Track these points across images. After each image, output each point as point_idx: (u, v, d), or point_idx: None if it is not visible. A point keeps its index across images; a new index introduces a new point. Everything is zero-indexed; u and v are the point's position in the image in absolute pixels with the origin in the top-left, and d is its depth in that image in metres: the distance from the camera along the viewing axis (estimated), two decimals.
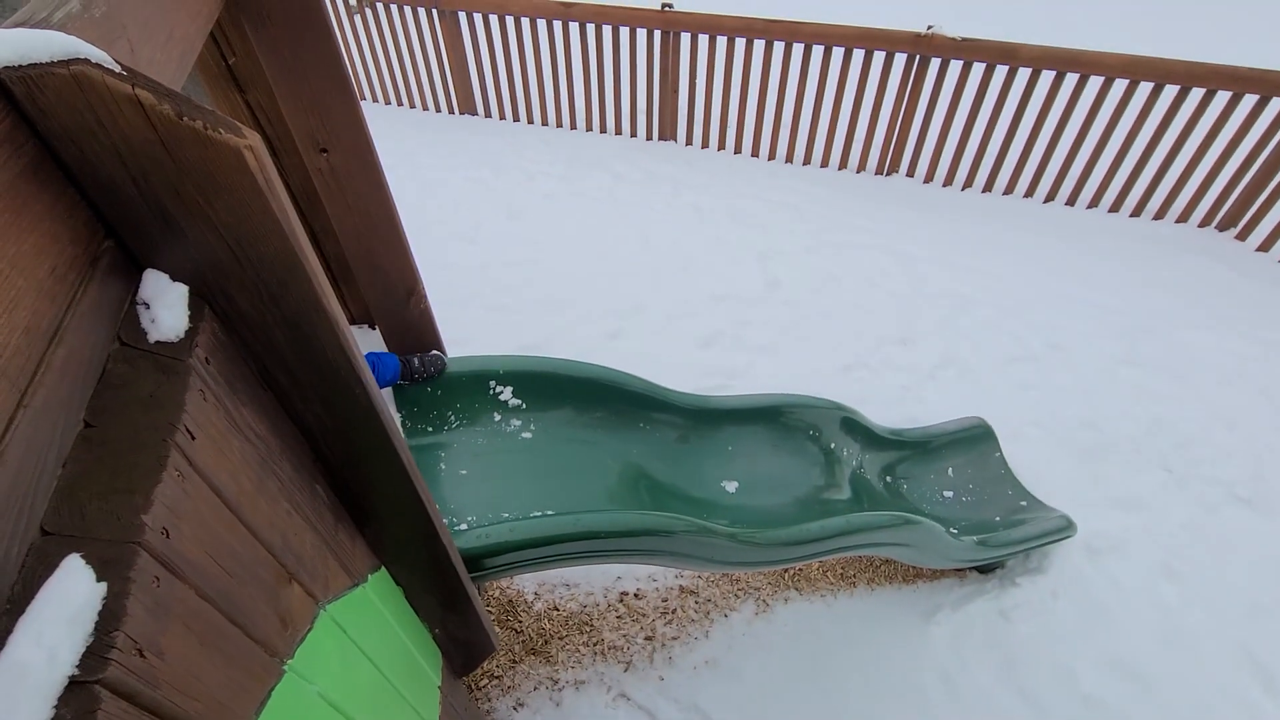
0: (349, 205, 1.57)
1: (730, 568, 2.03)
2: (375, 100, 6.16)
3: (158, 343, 0.68)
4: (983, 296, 3.78)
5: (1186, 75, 3.95)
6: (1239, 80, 3.87)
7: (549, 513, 1.80)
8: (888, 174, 5.04)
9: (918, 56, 4.45)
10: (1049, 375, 3.28)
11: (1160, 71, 4.00)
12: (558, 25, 5.08)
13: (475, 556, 1.50)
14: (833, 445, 2.47)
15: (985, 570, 2.52)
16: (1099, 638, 2.28)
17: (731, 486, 2.26)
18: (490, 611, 2.32)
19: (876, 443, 2.59)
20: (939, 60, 4.42)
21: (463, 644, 1.54)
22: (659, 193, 4.73)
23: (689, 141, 5.42)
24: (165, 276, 0.72)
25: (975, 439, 2.76)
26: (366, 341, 2.43)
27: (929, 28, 4.31)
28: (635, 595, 2.42)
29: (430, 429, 1.96)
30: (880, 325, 3.55)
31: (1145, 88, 4.13)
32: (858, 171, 5.08)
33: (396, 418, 1.93)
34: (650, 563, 1.93)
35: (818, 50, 4.63)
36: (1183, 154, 4.29)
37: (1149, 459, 2.88)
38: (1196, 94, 4.03)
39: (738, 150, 5.32)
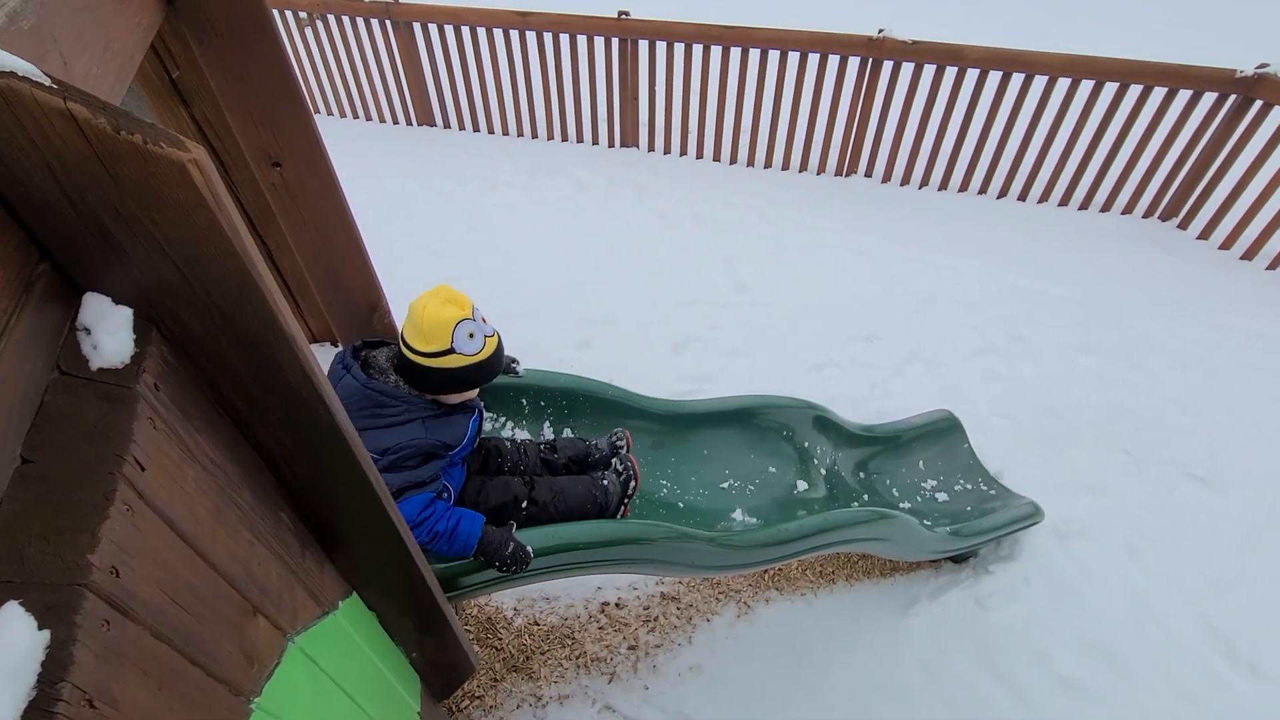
0: (304, 220, 1.52)
1: (710, 572, 2.02)
2: (331, 114, 6.05)
3: (101, 370, 0.64)
4: (945, 291, 3.87)
5: (1124, 73, 4.13)
6: (1172, 76, 4.05)
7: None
8: (847, 174, 5.13)
9: (870, 60, 4.55)
10: (1012, 366, 3.37)
11: (1100, 70, 4.16)
12: (515, 34, 5.06)
13: (451, 576, 1.46)
14: (806, 444, 2.49)
15: (959, 560, 2.56)
16: (1071, 620, 2.34)
17: (709, 490, 2.25)
18: (469, 630, 2.27)
19: (849, 439, 2.62)
20: (891, 63, 4.53)
21: (441, 666, 1.50)
22: (623, 200, 4.74)
23: (651, 148, 5.44)
24: (107, 299, 0.68)
25: (943, 431, 2.81)
26: (327, 361, 2.37)
27: (880, 31, 4.41)
28: (617, 605, 2.40)
29: None
30: (847, 323, 3.60)
31: (1086, 85, 4.29)
32: (818, 173, 5.17)
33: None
34: (630, 571, 1.91)
35: (774, 55, 4.70)
36: (1124, 148, 4.46)
37: (1109, 443, 2.98)
38: (1134, 90, 4.21)
39: (699, 155, 5.36)
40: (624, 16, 4.73)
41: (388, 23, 5.20)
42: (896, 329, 3.58)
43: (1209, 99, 4.11)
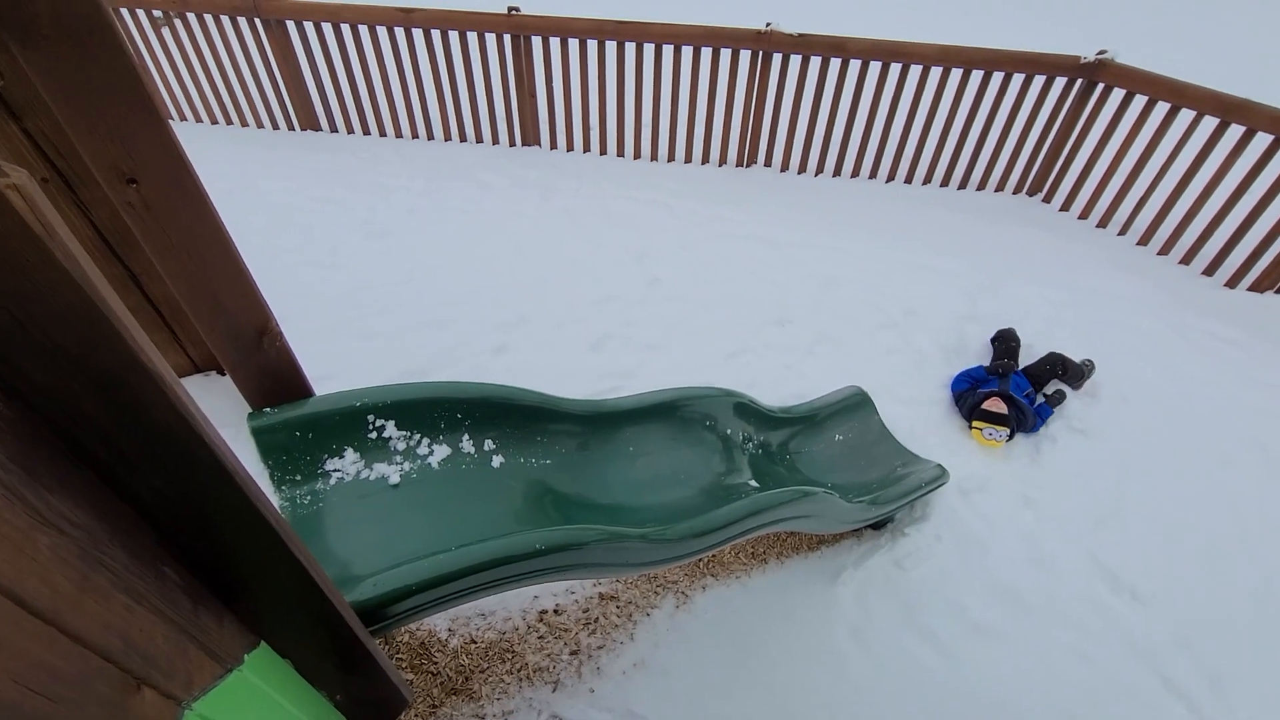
0: (171, 240, 1.38)
1: (647, 568, 2.02)
2: (201, 120, 5.57)
3: None
4: (846, 274, 4.06)
5: (987, 61, 4.47)
6: (1028, 63, 4.43)
7: (455, 547, 1.69)
8: (747, 165, 5.28)
9: (760, 52, 4.69)
10: (910, 339, 3.59)
11: (966, 58, 4.49)
12: (399, 32, 4.84)
13: (372, 608, 1.38)
14: (729, 431, 2.54)
15: (878, 527, 2.70)
16: (979, 569, 2.53)
17: (637, 487, 2.26)
18: (401, 659, 2.17)
19: (769, 423, 2.70)
20: (780, 55, 4.69)
21: (371, 704, 1.42)
22: (529, 199, 4.65)
23: (553, 145, 5.37)
24: None
25: (855, 406, 2.95)
26: (214, 390, 2.17)
27: (768, 25, 4.55)
28: (555, 611, 2.36)
29: (302, 478, 1.78)
30: (758, 310, 3.71)
31: (956, 73, 4.62)
32: (720, 165, 5.28)
33: (263, 473, 1.74)
34: (567, 578, 1.88)
35: (668, 49, 4.75)
36: (993, 130, 4.85)
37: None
38: (998, 77, 4.57)
39: (603, 152, 5.35)
40: (514, 12, 4.63)
41: (256, 21, 4.84)
42: (804, 312, 3.72)
43: (1060, 83, 4.53)
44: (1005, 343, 3.43)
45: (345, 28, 4.85)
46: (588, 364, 3.23)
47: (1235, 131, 3.89)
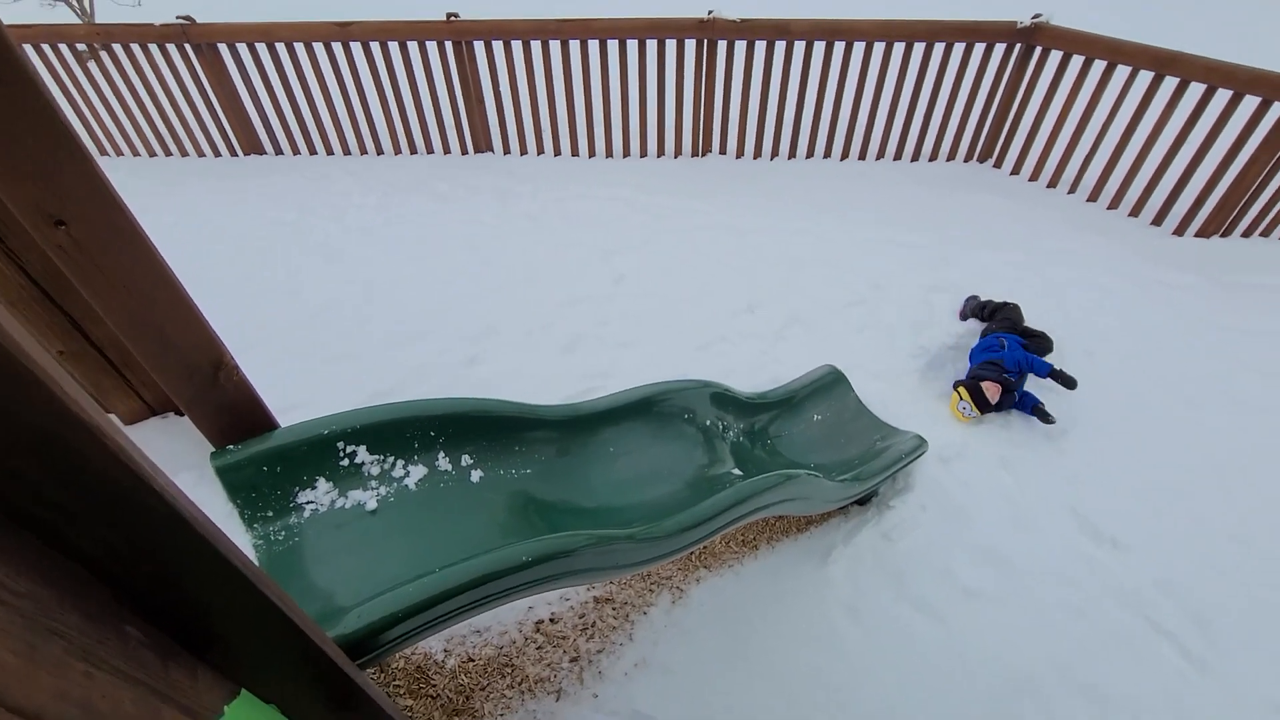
0: (110, 281, 1.31)
1: (639, 567, 2.01)
2: (138, 154, 5.38)
3: None
4: (810, 255, 4.08)
5: (927, 32, 4.53)
6: (967, 32, 4.51)
7: (440, 569, 1.65)
8: (703, 155, 5.28)
9: (705, 40, 4.68)
10: (877, 314, 3.62)
11: (907, 31, 4.55)
12: (337, 47, 4.73)
13: (359, 640, 1.34)
14: (708, 422, 2.53)
15: (863, 502, 2.73)
16: (964, 534, 2.56)
17: (621, 487, 2.24)
18: (398, 685, 2.12)
19: (747, 410, 2.70)
20: (725, 42, 4.69)
21: None
22: (487, 207, 4.59)
23: (507, 150, 5.31)
24: None
25: (830, 385, 2.97)
26: (173, 432, 2.09)
27: (710, 12, 4.55)
28: (551, 620, 2.33)
29: (274, 514, 1.72)
30: (728, 299, 3.71)
31: (899, 47, 4.67)
32: (675, 157, 5.27)
33: (233, 512, 1.68)
34: (560, 586, 1.85)
35: (613, 44, 4.72)
36: (939, 101, 4.92)
37: (967, 369, 3.28)
38: (939, 48, 4.63)
39: (557, 152, 5.30)
40: (453, 18, 4.55)
41: (187, 46, 4.68)
42: (773, 296, 3.73)
43: (1000, 49, 4.61)
44: (1012, 323, 3.33)
45: (280, 47, 4.72)
46: (563, 367, 3.20)
47: (1170, 84, 4.01)
